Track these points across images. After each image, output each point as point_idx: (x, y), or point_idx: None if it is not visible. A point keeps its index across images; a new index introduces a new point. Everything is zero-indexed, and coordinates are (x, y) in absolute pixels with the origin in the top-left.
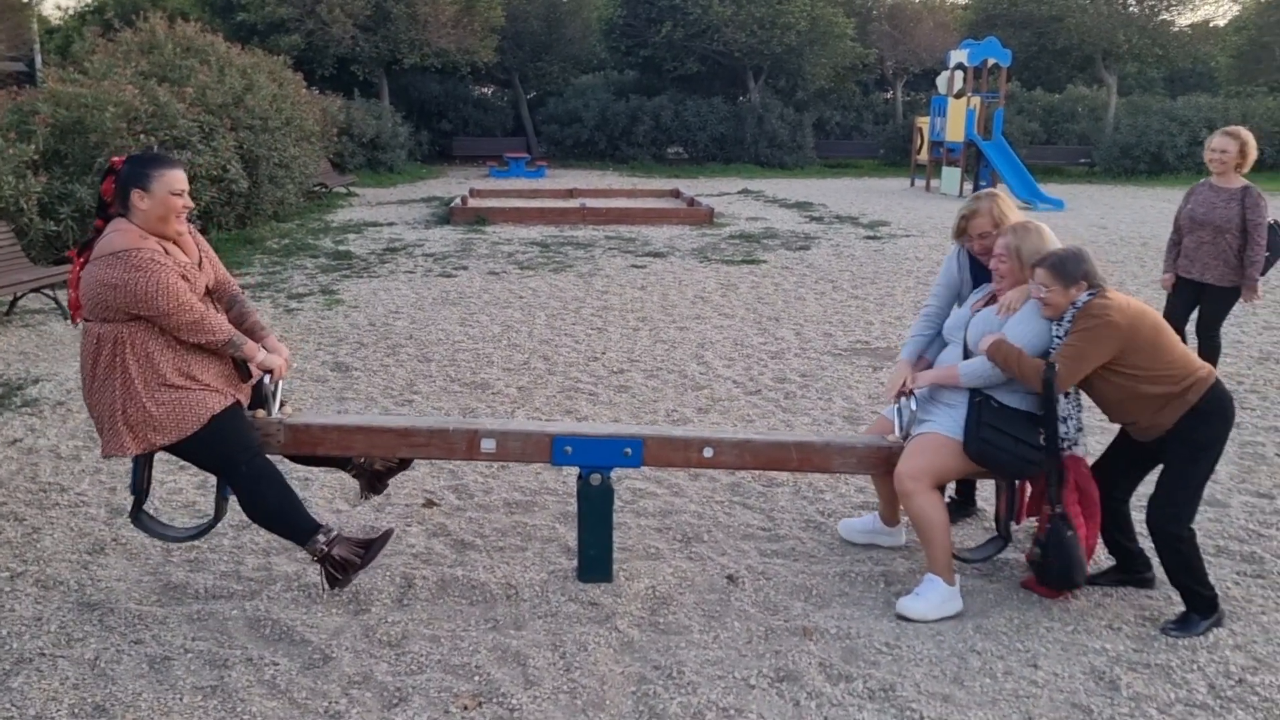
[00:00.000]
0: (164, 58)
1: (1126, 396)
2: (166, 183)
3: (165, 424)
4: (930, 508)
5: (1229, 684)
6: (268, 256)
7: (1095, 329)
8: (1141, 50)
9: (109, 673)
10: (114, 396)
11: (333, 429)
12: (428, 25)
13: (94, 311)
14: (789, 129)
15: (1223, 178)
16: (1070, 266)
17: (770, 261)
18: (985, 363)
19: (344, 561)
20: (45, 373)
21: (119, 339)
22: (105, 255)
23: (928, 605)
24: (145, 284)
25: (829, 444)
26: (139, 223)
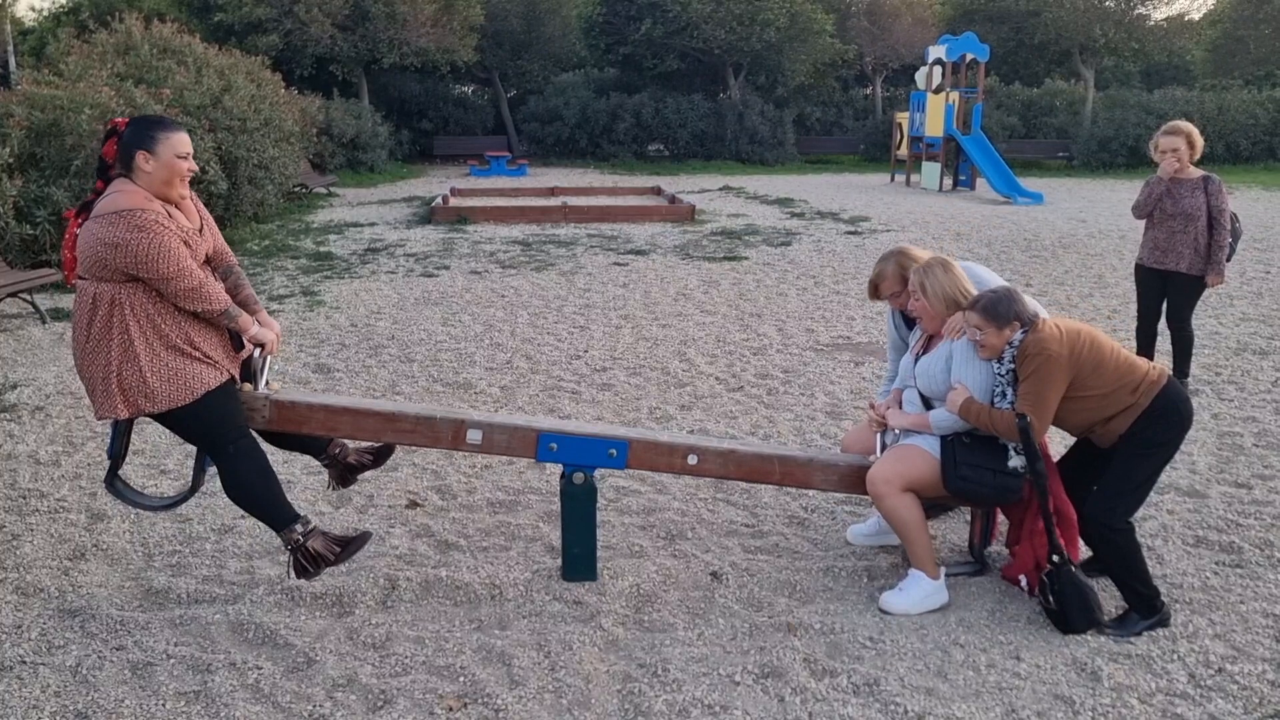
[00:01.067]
0: (140, 59)
1: (1081, 415)
2: (172, 145)
3: (158, 391)
4: (903, 508)
5: (1209, 673)
6: (248, 258)
7: (1041, 368)
8: (1118, 44)
9: (91, 679)
10: (109, 358)
11: (319, 408)
12: (406, 24)
13: (91, 270)
14: (769, 125)
15: (1180, 173)
16: (1002, 309)
17: (752, 258)
18: (952, 416)
19: (317, 555)
20: (23, 378)
21: (116, 299)
22: (108, 213)
23: (910, 600)
24: (148, 245)
25: (812, 460)
26: (143, 185)
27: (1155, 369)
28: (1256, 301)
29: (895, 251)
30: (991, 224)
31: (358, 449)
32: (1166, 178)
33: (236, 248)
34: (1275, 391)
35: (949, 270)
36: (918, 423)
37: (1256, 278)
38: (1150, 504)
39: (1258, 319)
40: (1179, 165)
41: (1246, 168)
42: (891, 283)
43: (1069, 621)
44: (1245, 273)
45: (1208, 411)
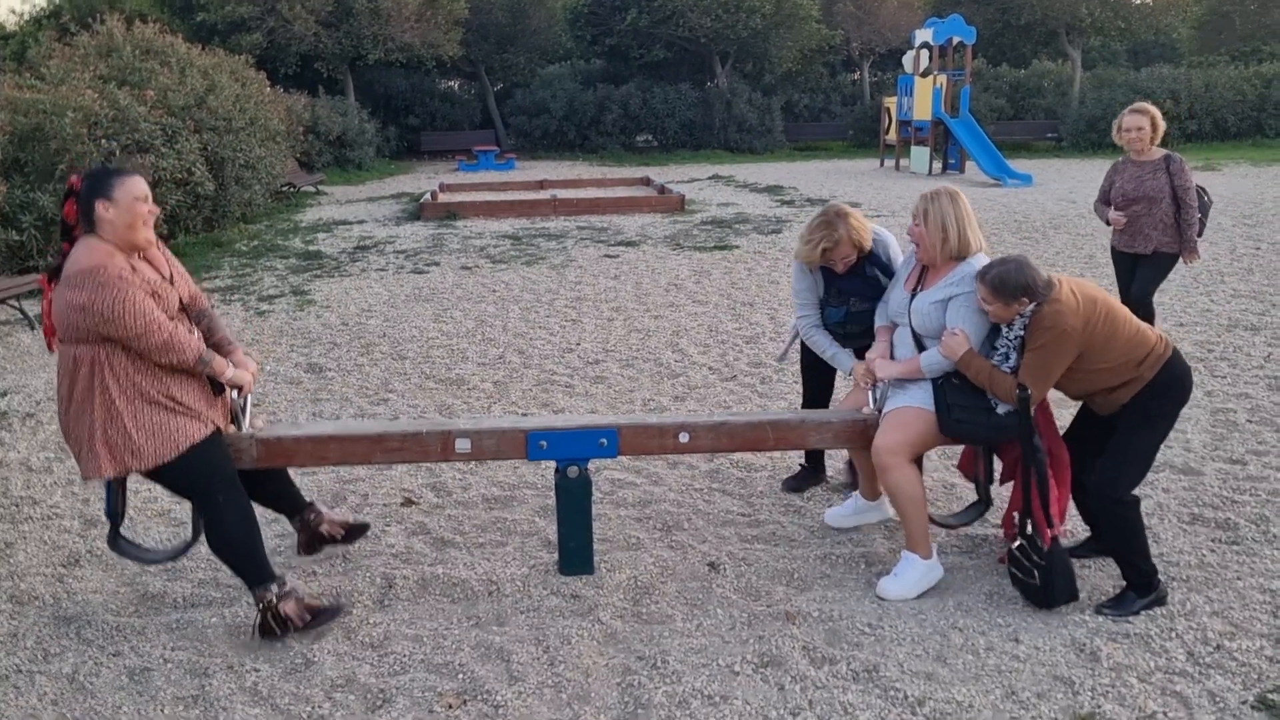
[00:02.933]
0: (123, 60)
1: (1086, 385)
2: (129, 189)
3: (144, 448)
4: (907, 482)
5: (1207, 650)
6: (237, 259)
7: (1052, 341)
8: (1104, 23)
9: (88, 686)
10: (93, 418)
11: (305, 440)
12: (390, 20)
13: (67, 334)
14: (757, 113)
15: (1142, 154)
16: (1010, 283)
17: (743, 246)
18: (944, 361)
19: (286, 620)
20: (13, 385)
21: (96, 360)
22: (72, 274)
23: (906, 584)
24: (113, 303)
25: (804, 420)
26: (108, 236)
27: (1163, 342)
28: (1247, 278)
29: (839, 215)
30: (981, 206)
31: (331, 520)
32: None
33: (225, 248)
34: (1268, 367)
35: (955, 202)
36: (907, 370)
37: (1247, 254)
38: (1146, 483)
39: (1248, 295)
40: (1140, 145)
41: (1235, 144)
42: (846, 248)
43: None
44: (1235, 249)
45: (1201, 389)
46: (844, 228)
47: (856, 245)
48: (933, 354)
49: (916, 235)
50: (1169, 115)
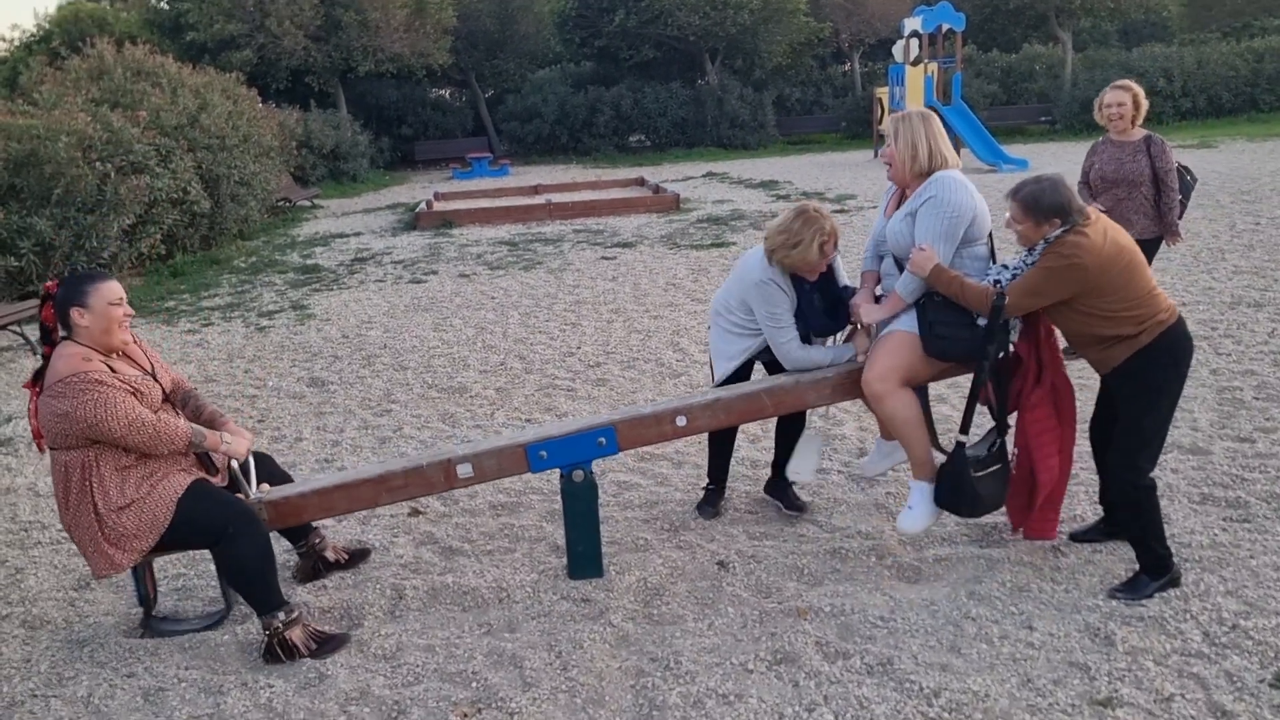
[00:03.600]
0: (115, 83)
1: (1079, 329)
2: (103, 295)
3: (142, 533)
4: (903, 406)
5: (1223, 630)
6: (235, 275)
7: (1059, 269)
8: (1094, 4)
9: (103, 709)
10: (90, 521)
11: (311, 495)
12: (379, 31)
13: (55, 441)
14: (749, 109)
15: (1122, 133)
16: (1044, 201)
17: (739, 243)
18: (917, 280)
19: (292, 647)
20: (17, 410)
21: (85, 464)
22: (53, 384)
23: (922, 514)
24: (94, 408)
25: (799, 382)
26: (84, 340)
27: (1169, 310)
28: (1248, 254)
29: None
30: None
31: (335, 547)
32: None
33: (223, 265)
34: (1272, 343)
35: (927, 120)
36: (893, 308)
37: (1247, 230)
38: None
39: (1250, 271)
40: (1121, 123)
41: (1230, 120)
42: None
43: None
44: (1235, 225)
45: (1206, 367)
46: (824, 219)
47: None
48: (906, 278)
49: (889, 155)
50: (1163, 94)
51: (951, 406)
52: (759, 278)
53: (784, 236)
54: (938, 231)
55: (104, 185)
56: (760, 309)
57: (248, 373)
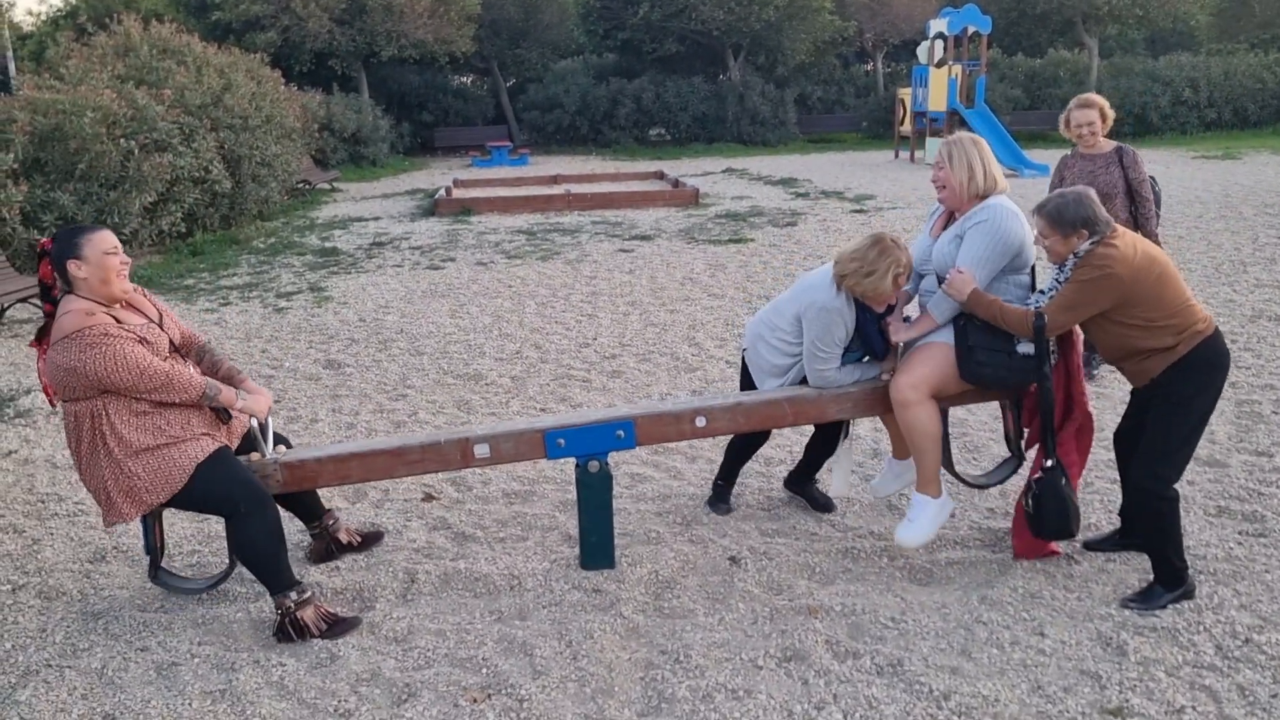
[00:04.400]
0: (140, 60)
1: (1117, 343)
2: (96, 244)
3: (154, 485)
4: (926, 419)
5: (1236, 644)
6: (254, 256)
7: (1093, 281)
8: (1121, 11)
9: (117, 681)
10: (102, 469)
11: (328, 460)
12: (404, 16)
13: (65, 394)
14: (770, 106)
15: (1092, 147)
16: (1069, 214)
17: (758, 239)
18: (951, 302)
19: (303, 627)
20: (37, 383)
21: (95, 414)
22: (60, 340)
23: (922, 527)
24: (102, 361)
25: (821, 394)
26: (85, 293)
27: (1205, 321)
28: (1270, 267)
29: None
30: None
31: (349, 529)
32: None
33: (242, 246)
34: None
35: (978, 144)
36: (924, 328)
37: (1270, 243)
38: None
39: (1272, 285)
40: (1091, 139)
41: (1255, 132)
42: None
43: (1041, 524)
44: (1258, 239)
45: (1226, 380)
46: (900, 250)
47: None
48: (939, 298)
49: (943, 178)
50: (1188, 104)
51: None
52: (825, 303)
53: (857, 264)
54: (981, 256)
55: (127, 162)
56: (810, 333)
57: (264, 353)
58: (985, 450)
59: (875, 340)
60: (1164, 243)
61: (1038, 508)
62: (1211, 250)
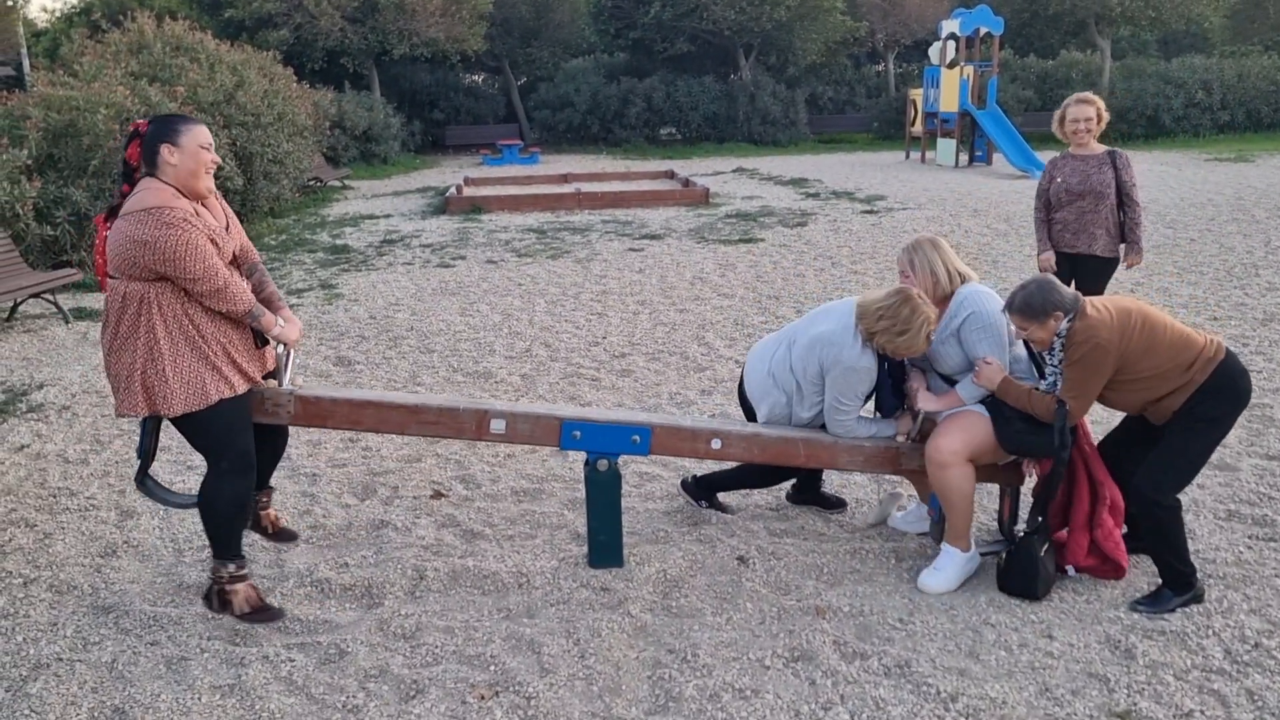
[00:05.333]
0: (153, 57)
1: (1133, 396)
2: (195, 136)
3: (176, 394)
4: (964, 480)
5: (1245, 648)
6: (265, 253)
7: (1086, 357)
8: (1134, 13)
9: (127, 675)
10: (135, 356)
11: (343, 402)
12: (416, 15)
13: (121, 269)
14: (781, 106)
15: (1084, 147)
16: (1036, 303)
17: (768, 240)
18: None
19: (227, 602)
20: (49, 377)
21: (145, 298)
22: (137, 211)
23: (947, 577)
24: (176, 243)
25: (836, 442)
26: (170, 179)
27: (1212, 344)
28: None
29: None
30: (1009, 199)
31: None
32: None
33: (254, 242)
34: None
35: (937, 246)
36: (949, 403)
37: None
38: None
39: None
40: (1086, 137)
41: (1268, 134)
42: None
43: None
44: (1270, 241)
45: None
46: (927, 305)
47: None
48: (968, 386)
49: (910, 284)
50: (1201, 106)
51: None
52: (852, 363)
53: (889, 323)
54: (994, 343)
55: None
56: (835, 389)
57: (275, 348)
58: None
59: (887, 395)
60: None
61: (1009, 563)
62: (1224, 253)
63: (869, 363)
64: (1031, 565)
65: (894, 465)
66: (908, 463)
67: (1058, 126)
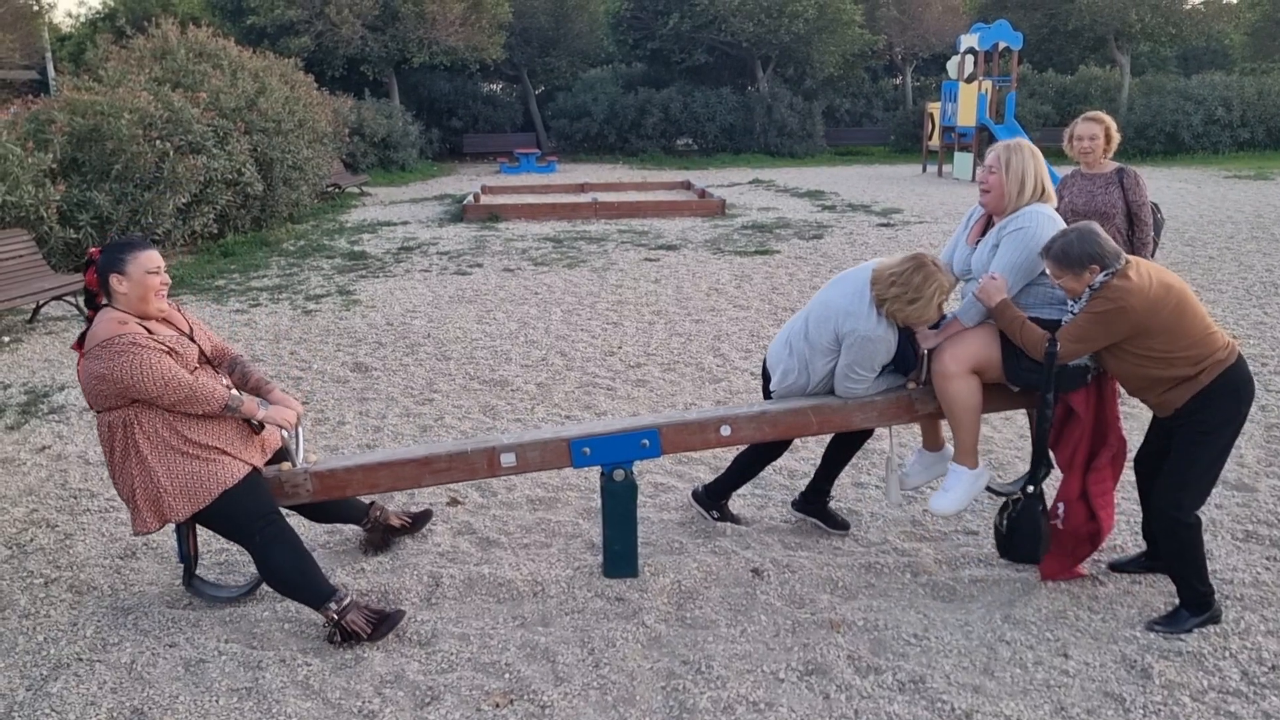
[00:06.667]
0: (177, 63)
1: (1136, 375)
2: (141, 264)
3: (178, 498)
4: (969, 392)
5: (1262, 670)
6: (284, 258)
7: (1106, 314)
8: (1154, 29)
9: (145, 676)
10: (131, 477)
11: (357, 469)
12: (436, 23)
13: (96, 402)
14: (798, 118)
15: (1093, 166)
16: (1074, 252)
17: (784, 251)
18: (980, 308)
19: (353, 632)
20: (70, 379)
21: (126, 422)
22: (93, 348)
23: (956, 496)
24: (129, 368)
25: (846, 403)
26: (122, 306)
27: (1227, 349)
28: None
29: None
30: None
31: (397, 514)
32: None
33: (272, 248)
34: None
35: (1035, 156)
36: (948, 332)
37: None
38: None
39: None
40: (1092, 156)
41: None
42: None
43: (1011, 548)
44: None
45: (1255, 403)
46: (941, 273)
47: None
48: (968, 303)
49: (992, 183)
50: (1221, 123)
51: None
52: (868, 332)
53: (900, 289)
54: (1015, 263)
55: (162, 163)
56: (849, 357)
57: (293, 354)
58: (1011, 468)
59: (909, 355)
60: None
61: (1011, 530)
62: (1243, 271)
63: (883, 332)
64: (1035, 528)
65: (910, 413)
66: (922, 408)
67: (1067, 144)
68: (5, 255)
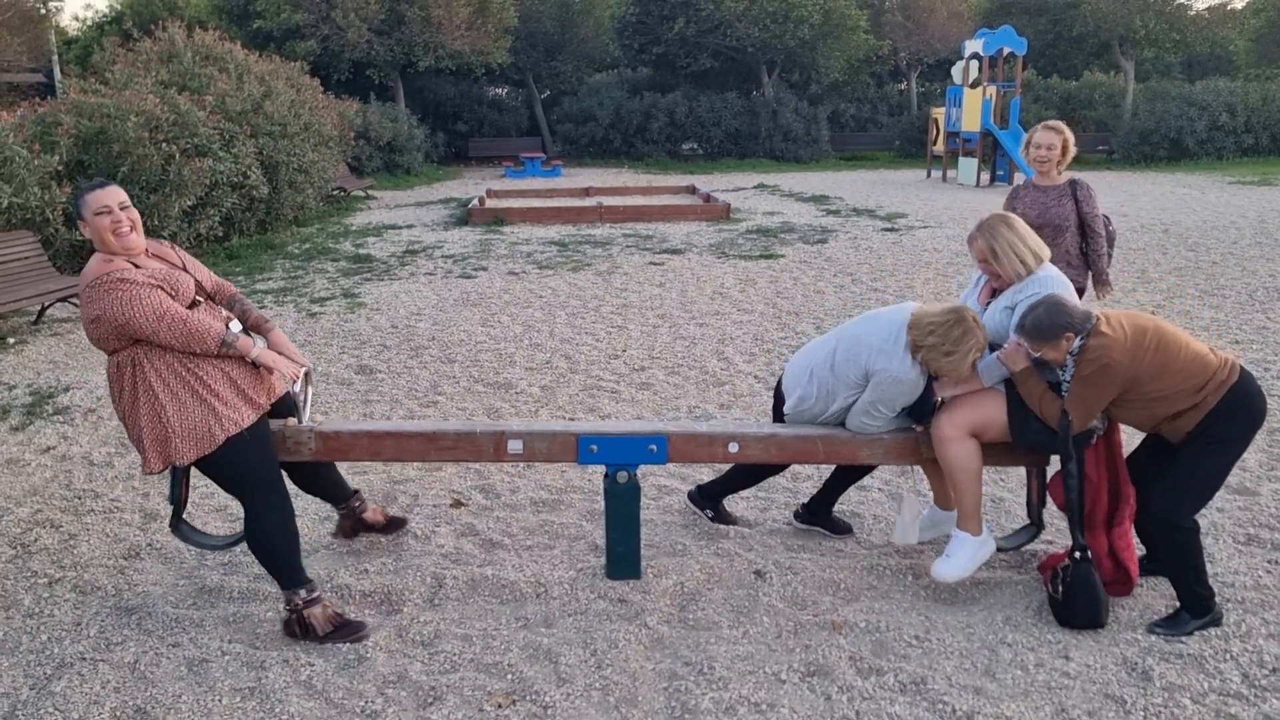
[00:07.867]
0: (183, 66)
1: (1144, 418)
2: (90, 206)
3: (184, 442)
4: (967, 456)
5: (1263, 673)
6: (289, 261)
7: (1094, 375)
8: (1158, 35)
9: (149, 675)
10: (139, 417)
11: (363, 435)
12: (441, 27)
13: (98, 345)
14: (803, 123)
15: (1047, 176)
16: (1046, 326)
17: (788, 256)
18: (1002, 369)
19: (309, 626)
20: (75, 380)
21: (135, 361)
22: (83, 290)
23: (960, 563)
24: (120, 305)
25: (854, 437)
26: (100, 249)
27: (1226, 366)
28: None
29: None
30: None
31: (375, 508)
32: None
33: (277, 250)
34: None
35: (1012, 227)
36: (967, 386)
37: None
38: None
39: None
40: (1047, 166)
41: None
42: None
43: (1071, 613)
44: None
45: None
46: (980, 330)
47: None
48: (991, 360)
49: (994, 272)
50: (1225, 129)
51: None
52: (900, 375)
53: (938, 340)
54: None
55: (168, 166)
56: (874, 395)
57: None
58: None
59: (928, 404)
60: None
61: (1068, 597)
62: (1246, 276)
63: (915, 376)
64: (1093, 594)
65: (915, 455)
66: (928, 451)
67: (1023, 150)
68: (11, 257)
